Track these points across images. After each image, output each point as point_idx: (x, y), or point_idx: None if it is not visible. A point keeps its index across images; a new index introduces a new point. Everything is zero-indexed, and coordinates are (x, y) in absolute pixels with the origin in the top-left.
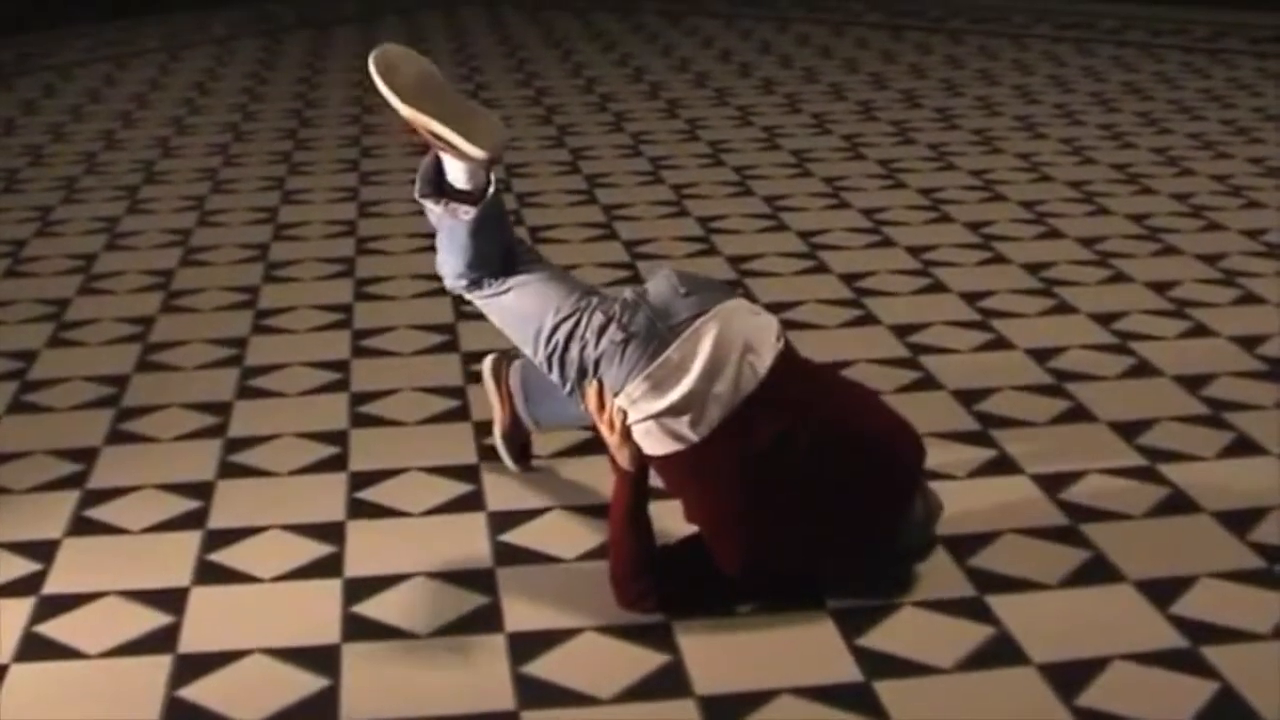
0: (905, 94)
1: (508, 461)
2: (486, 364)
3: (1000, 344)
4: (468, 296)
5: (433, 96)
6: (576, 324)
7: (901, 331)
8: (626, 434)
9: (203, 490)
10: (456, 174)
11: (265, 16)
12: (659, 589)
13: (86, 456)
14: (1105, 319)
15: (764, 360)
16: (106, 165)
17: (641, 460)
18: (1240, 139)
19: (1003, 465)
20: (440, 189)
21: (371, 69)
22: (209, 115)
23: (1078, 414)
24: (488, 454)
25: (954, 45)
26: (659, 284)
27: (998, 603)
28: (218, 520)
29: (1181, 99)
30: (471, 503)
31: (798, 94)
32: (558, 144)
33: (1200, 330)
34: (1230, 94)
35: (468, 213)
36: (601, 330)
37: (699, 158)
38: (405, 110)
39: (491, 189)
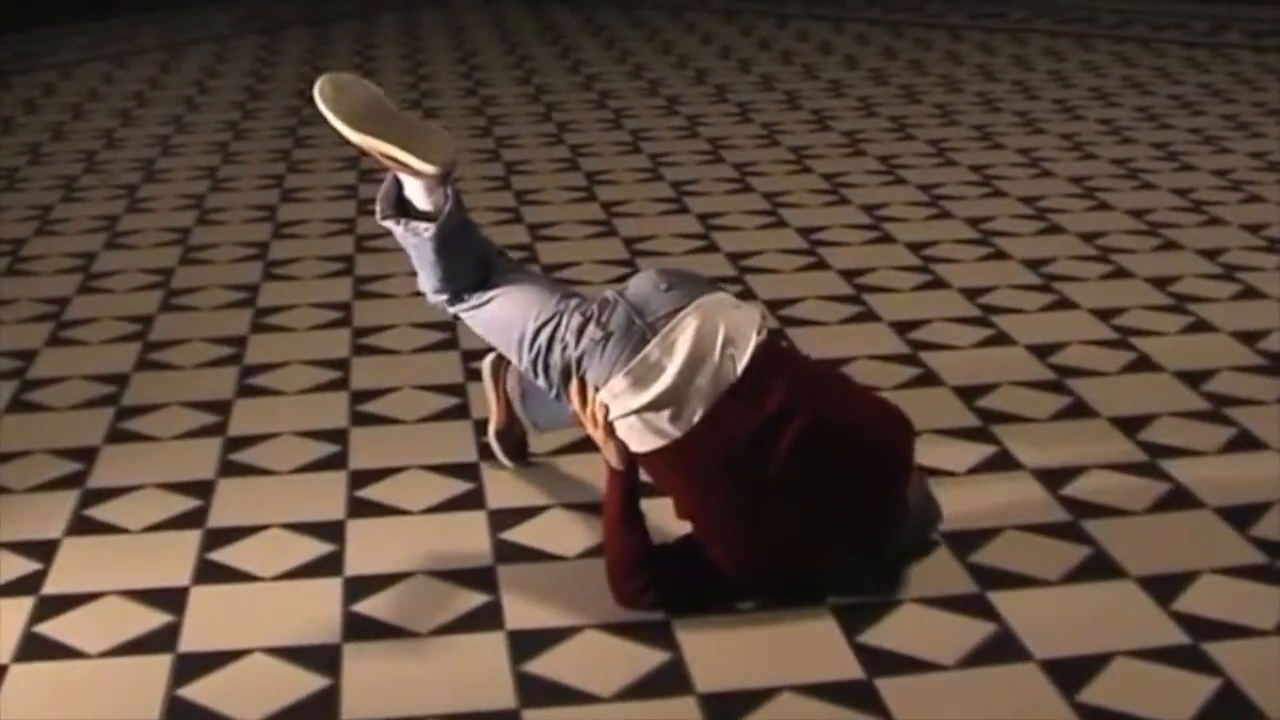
0: (905, 90)
1: (502, 459)
2: (486, 363)
3: (1001, 340)
4: (450, 311)
5: (380, 119)
6: (557, 326)
7: (902, 328)
8: (610, 430)
9: (203, 489)
10: (415, 193)
11: (264, 14)
12: (657, 586)
13: (86, 455)
14: (1106, 314)
15: (744, 353)
16: (106, 164)
17: (629, 457)
18: (1241, 134)
19: (1003, 461)
20: (402, 210)
21: (317, 99)
22: (208, 113)
23: (1078, 410)
24: (487, 452)
25: (953, 41)
26: (640, 281)
27: (999, 599)
28: (218, 519)
29: (1182, 94)
30: (472, 501)
31: (797, 90)
32: (557, 141)
33: (1201, 325)
34: (1231, 88)
35: (428, 229)
36: (580, 330)
37: (698, 154)
38: (354, 136)
39: (449, 204)
